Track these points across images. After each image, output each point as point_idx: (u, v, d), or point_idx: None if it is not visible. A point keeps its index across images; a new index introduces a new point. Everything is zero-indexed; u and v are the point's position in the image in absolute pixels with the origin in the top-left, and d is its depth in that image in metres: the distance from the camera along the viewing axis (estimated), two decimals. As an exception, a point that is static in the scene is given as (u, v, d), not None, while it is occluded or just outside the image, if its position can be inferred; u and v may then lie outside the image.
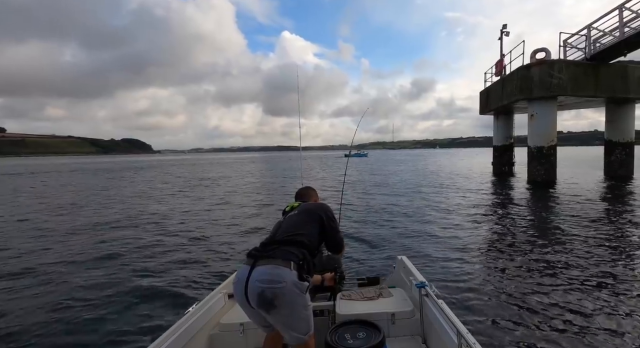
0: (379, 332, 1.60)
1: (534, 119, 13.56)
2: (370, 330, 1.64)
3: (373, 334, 1.61)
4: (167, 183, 19.28)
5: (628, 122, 14.52)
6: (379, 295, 2.27)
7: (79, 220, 8.62)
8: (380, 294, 2.29)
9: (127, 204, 11.27)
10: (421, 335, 2.00)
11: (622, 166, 14.70)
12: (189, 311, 1.97)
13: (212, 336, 2.05)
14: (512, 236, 6.15)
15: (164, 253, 5.54)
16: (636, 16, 10.89)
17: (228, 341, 2.04)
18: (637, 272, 4.22)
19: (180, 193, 14.30)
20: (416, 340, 2.00)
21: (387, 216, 8.38)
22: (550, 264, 4.54)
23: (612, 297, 3.49)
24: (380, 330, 1.61)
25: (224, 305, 2.27)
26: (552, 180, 13.47)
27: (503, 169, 18.17)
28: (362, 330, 1.65)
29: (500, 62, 16.29)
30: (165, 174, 28.58)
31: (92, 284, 4.29)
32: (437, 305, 1.79)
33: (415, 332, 2.03)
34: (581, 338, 2.74)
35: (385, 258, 4.96)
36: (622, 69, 13.20)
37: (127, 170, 35.81)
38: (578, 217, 7.49)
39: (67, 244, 6.25)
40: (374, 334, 1.61)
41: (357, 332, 1.64)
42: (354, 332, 1.64)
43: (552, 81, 12.71)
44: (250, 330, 2.04)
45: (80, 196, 13.87)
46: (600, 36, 12.49)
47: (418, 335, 2.01)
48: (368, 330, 1.64)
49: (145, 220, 8.47)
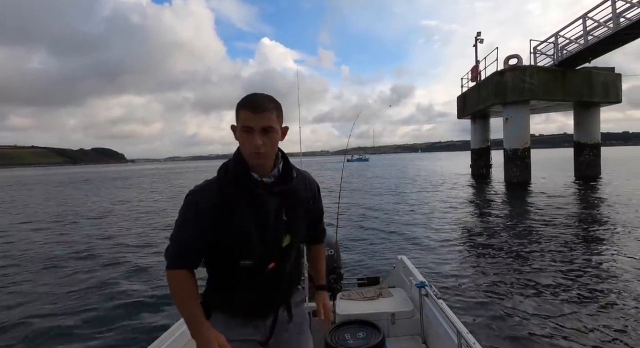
0: (379, 332, 1.60)
1: (508, 122, 14.11)
2: (370, 330, 1.64)
3: (373, 334, 1.60)
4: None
5: (594, 125, 15.34)
6: (379, 295, 2.27)
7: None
8: (380, 294, 2.28)
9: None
10: (421, 335, 2.00)
11: (590, 166, 15.49)
12: None
13: None
14: (501, 235, 6.31)
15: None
16: (598, 25, 11.60)
17: None
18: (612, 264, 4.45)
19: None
20: (416, 340, 1.99)
21: (384, 216, 8.59)
22: (539, 261, 4.67)
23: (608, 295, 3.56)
24: (380, 330, 1.61)
25: None
26: (527, 181, 14.01)
27: (481, 171, 18.77)
28: (362, 330, 1.64)
29: (475, 68, 16.92)
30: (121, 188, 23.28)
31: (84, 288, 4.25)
32: (437, 305, 1.79)
33: (415, 332, 2.03)
34: (581, 338, 2.74)
35: (385, 258, 5.00)
36: (588, 75, 13.98)
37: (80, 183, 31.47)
38: (555, 214, 7.82)
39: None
40: (374, 334, 1.60)
41: (357, 332, 1.63)
42: (354, 332, 1.63)
43: (525, 86, 13.31)
44: None
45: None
46: (566, 43, 13.23)
47: (418, 335, 2.01)
48: (368, 330, 1.63)
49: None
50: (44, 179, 43.14)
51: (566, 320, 3.05)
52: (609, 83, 14.35)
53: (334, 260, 2.66)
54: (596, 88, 14.05)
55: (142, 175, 44.41)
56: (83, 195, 18.68)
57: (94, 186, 25.85)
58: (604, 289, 3.68)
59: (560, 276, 4.10)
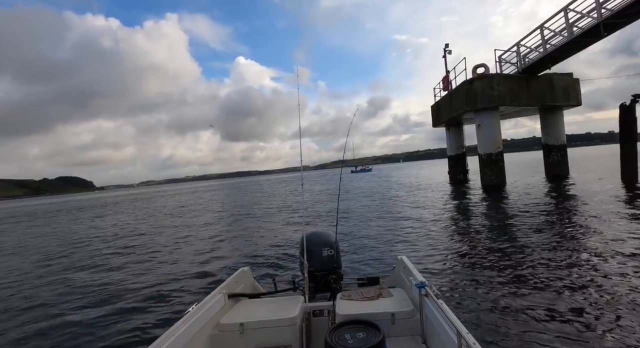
0: (379, 332, 1.58)
1: (481, 128, 14.72)
2: (370, 330, 1.61)
3: (373, 334, 1.58)
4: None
5: (559, 127, 16.26)
6: (378, 295, 2.25)
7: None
8: (380, 294, 2.27)
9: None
10: (421, 335, 1.98)
11: (558, 166, 16.31)
12: (189, 311, 1.95)
13: (211, 336, 2.01)
14: (493, 236, 6.44)
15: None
16: (554, 34, 12.49)
17: (228, 341, 2.01)
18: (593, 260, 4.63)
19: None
20: (416, 340, 1.97)
21: (381, 221, 8.74)
22: (537, 260, 4.73)
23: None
24: (380, 330, 1.59)
25: (224, 305, 2.23)
26: (502, 184, 14.54)
27: (459, 177, 19.32)
28: (362, 330, 1.61)
29: (446, 78, 17.67)
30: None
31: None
32: (437, 305, 1.78)
33: (415, 332, 2.01)
34: (581, 337, 2.75)
35: (385, 259, 4.99)
36: (549, 80, 14.92)
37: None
38: (534, 212, 8.14)
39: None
40: (373, 334, 1.58)
41: (357, 332, 1.60)
42: (354, 332, 1.61)
43: (493, 93, 14.01)
44: (250, 330, 2.00)
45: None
46: (528, 52, 14.11)
47: (418, 335, 1.99)
48: (368, 330, 1.61)
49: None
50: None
51: (567, 319, 3.06)
52: (569, 87, 15.34)
53: (334, 260, 2.63)
54: (557, 92, 14.98)
55: (104, 203, 37.98)
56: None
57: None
58: (604, 290, 3.66)
59: (559, 275, 4.12)
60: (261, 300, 2.42)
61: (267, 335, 1.97)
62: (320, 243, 2.67)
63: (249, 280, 2.77)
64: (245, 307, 2.28)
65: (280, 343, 1.96)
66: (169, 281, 4.76)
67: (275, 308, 2.16)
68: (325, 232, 2.89)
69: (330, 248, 2.66)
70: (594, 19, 10.75)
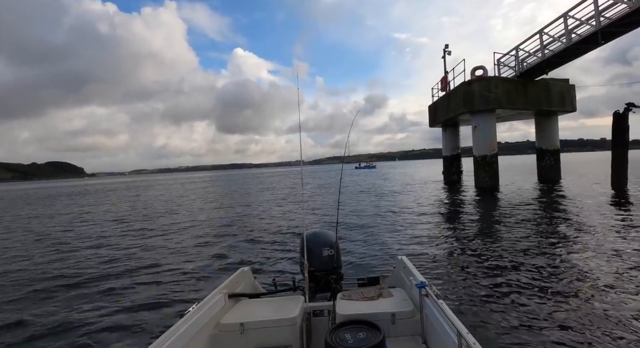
0: (379, 332, 1.59)
1: (477, 130, 14.82)
2: (370, 330, 1.62)
3: (373, 334, 1.59)
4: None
5: (553, 132, 16.46)
6: (379, 295, 2.25)
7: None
8: (380, 294, 2.27)
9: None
10: (421, 335, 1.99)
11: (551, 170, 16.53)
12: (189, 311, 1.94)
13: (212, 336, 2.00)
14: (490, 237, 6.48)
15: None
16: (553, 40, 12.58)
17: (228, 341, 2.00)
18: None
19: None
20: (416, 340, 1.98)
21: (379, 219, 8.80)
22: (536, 260, 4.82)
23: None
24: (380, 330, 1.60)
25: (224, 305, 2.22)
26: (495, 186, 14.70)
27: (453, 178, 19.47)
28: (362, 330, 1.62)
29: (444, 79, 17.71)
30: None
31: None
32: (437, 305, 1.79)
33: (415, 332, 2.01)
34: (582, 337, 2.78)
35: (385, 258, 5.03)
36: (545, 85, 15.05)
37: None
38: (528, 215, 8.24)
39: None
40: (374, 334, 1.59)
41: (357, 332, 1.61)
42: (354, 332, 1.62)
43: (490, 96, 14.10)
44: (250, 330, 2.00)
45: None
46: (526, 56, 14.20)
47: (418, 335, 2.00)
48: (368, 330, 1.62)
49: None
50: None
51: (568, 319, 3.08)
52: (565, 93, 15.50)
53: (334, 260, 2.62)
54: (553, 97, 15.13)
55: (92, 191, 38.09)
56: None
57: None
58: (605, 289, 3.71)
59: (560, 275, 4.15)
60: (261, 300, 2.41)
61: (268, 335, 1.97)
62: (321, 243, 2.67)
63: (249, 280, 2.77)
64: (245, 306, 2.28)
65: (280, 343, 1.96)
66: (169, 281, 4.71)
67: (276, 308, 2.16)
68: (326, 232, 2.88)
69: (331, 248, 2.66)
70: (592, 26, 10.86)
